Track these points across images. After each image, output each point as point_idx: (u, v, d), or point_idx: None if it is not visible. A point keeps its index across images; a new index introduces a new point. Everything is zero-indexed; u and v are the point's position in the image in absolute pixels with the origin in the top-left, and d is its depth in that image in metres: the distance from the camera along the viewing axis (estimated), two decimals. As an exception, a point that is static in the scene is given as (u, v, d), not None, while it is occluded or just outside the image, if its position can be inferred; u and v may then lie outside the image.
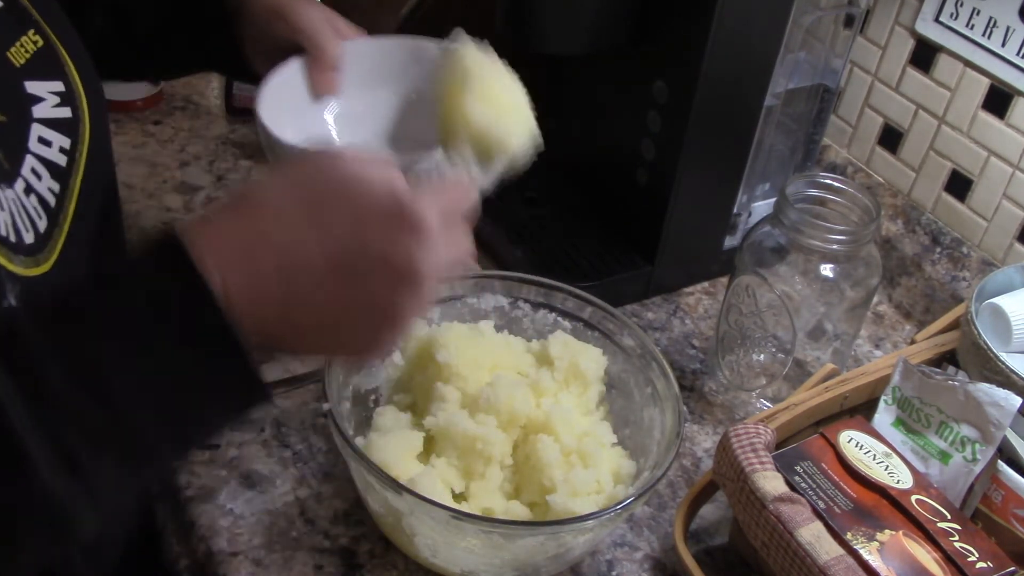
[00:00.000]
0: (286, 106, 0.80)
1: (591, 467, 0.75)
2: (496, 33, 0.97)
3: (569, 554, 0.74)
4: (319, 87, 0.82)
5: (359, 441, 0.75)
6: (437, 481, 0.72)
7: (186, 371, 0.49)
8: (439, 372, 0.79)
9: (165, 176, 1.13)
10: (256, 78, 0.80)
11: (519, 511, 0.76)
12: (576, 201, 1.11)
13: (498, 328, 0.86)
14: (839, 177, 0.90)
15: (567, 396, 0.80)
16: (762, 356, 0.93)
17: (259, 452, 0.83)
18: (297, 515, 0.79)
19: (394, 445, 0.74)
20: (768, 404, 0.93)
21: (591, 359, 0.81)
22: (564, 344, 0.82)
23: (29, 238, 0.57)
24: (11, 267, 0.54)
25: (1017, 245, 1.00)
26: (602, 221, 1.08)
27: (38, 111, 0.61)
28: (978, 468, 0.75)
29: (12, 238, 0.55)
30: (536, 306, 0.87)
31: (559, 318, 0.86)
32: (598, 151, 1.10)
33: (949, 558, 0.69)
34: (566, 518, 0.70)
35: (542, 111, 1.21)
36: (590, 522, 0.68)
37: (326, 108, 0.85)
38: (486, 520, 0.67)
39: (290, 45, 0.81)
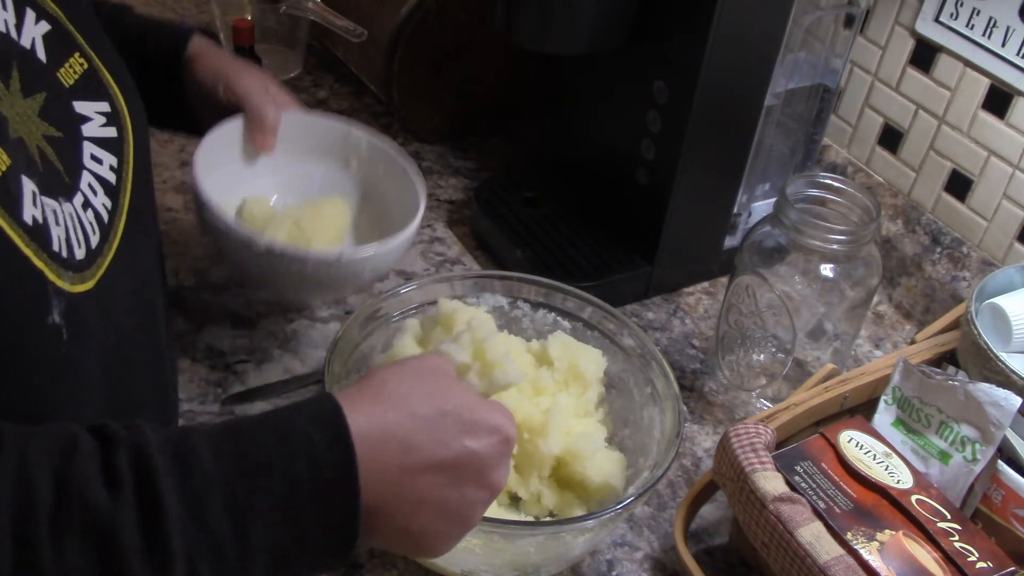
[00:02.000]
0: (221, 162, 0.87)
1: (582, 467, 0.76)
2: (496, 33, 0.98)
3: (569, 554, 0.74)
4: (256, 147, 0.89)
5: None
6: None
7: (307, 533, 0.50)
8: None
9: (165, 176, 1.13)
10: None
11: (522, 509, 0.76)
12: (576, 201, 1.11)
13: (498, 328, 0.86)
14: (839, 177, 0.90)
15: (566, 397, 0.80)
16: (762, 356, 0.93)
17: (259, 452, 0.83)
18: (297, 515, 0.79)
19: None
20: (768, 404, 0.93)
21: (591, 360, 0.81)
22: (563, 345, 0.82)
23: (80, 254, 0.58)
24: (60, 283, 0.55)
25: (1017, 245, 1.00)
26: (602, 221, 1.08)
27: (87, 130, 0.63)
28: (978, 468, 0.75)
29: (64, 254, 0.56)
30: (536, 306, 0.87)
31: (559, 318, 0.86)
32: (598, 151, 1.10)
33: (949, 558, 0.69)
34: (566, 518, 0.70)
35: (543, 111, 1.21)
36: (590, 522, 0.68)
37: (257, 168, 0.92)
38: (486, 520, 0.67)
39: (232, 108, 0.87)
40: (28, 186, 0.53)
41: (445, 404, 0.56)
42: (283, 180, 0.94)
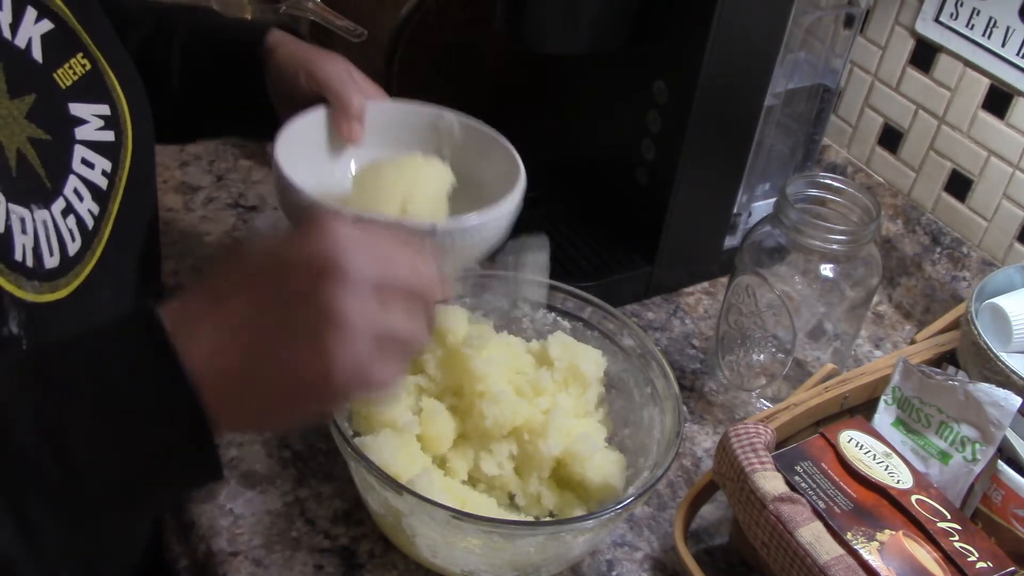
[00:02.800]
0: (303, 152, 0.80)
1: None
2: (496, 33, 0.98)
3: (569, 554, 0.74)
4: (343, 135, 0.83)
5: (358, 441, 0.75)
6: (436, 481, 0.72)
7: (148, 443, 0.47)
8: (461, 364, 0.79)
9: (165, 176, 1.13)
10: None
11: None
12: (576, 201, 1.11)
13: (497, 328, 0.86)
14: (839, 177, 0.90)
15: (566, 397, 0.80)
16: (762, 356, 0.93)
17: (259, 452, 0.83)
18: (297, 515, 0.79)
19: (394, 444, 0.74)
20: (768, 404, 0.93)
21: (590, 360, 0.81)
22: (564, 345, 0.82)
23: (52, 262, 0.57)
24: (19, 293, 0.54)
25: (1017, 245, 1.00)
26: (602, 221, 1.08)
27: (81, 133, 0.62)
28: (978, 468, 0.75)
29: (30, 263, 0.55)
30: (536, 305, 0.87)
31: (559, 318, 0.86)
32: (598, 151, 1.10)
33: (949, 558, 0.69)
34: (566, 518, 0.70)
35: (543, 111, 1.21)
36: (590, 522, 0.68)
37: (340, 160, 0.86)
38: (486, 520, 0.67)
39: (313, 98, 0.82)
40: None
41: (260, 257, 0.51)
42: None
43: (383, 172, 0.80)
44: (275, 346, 0.48)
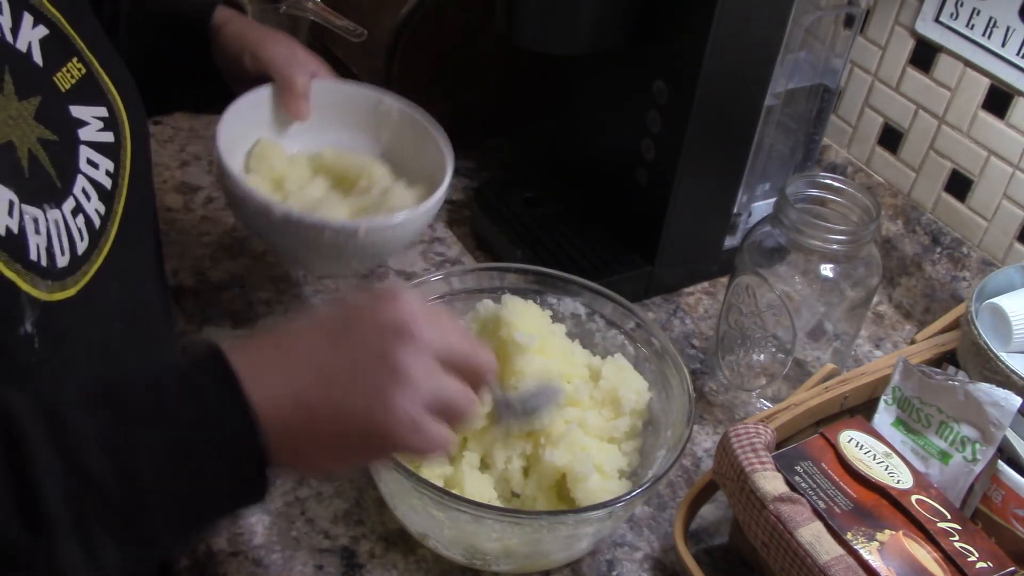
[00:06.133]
0: (248, 130, 0.85)
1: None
2: (496, 33, 0.98)
3: (551, 550, 0.74)
4: (289, 113, 0.86)
5: None
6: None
7: (211, 479, 0.50)
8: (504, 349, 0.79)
9: (165, 176, 1.13)
10: None
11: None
12: (576, 201, 1.11)
13: (571, 335, 0.86)
14: (839, 177, 0.90)
15: (596, 417, 0.80)
16: (762, 356, 0.93)
17: (259, 452, 0.83)
18: (297, 515, 0.79)
19: None
20: (768, 404, 0.93)
21: (632, 389, 0.80)
22: (617, 368, 0.82)
23: (63, 261, 0.57)
24: (34, 293, 0.54)
25: (1017, 245, 1.00)
26: (602, 221, 1.08)
27: (83, 134, 0.63)
28: (978, 468, 0.75)
29: (44, 262, 0.56)
30: (609, 324, 0.87)
31: (626, 341, 0.86)
32: (598, 151, 1.10)
33: (949, 558, 0.69)
34: (568, 509, 0.70)
35: (543, 111, 1.21)
36: (595, 512, 0.69)
37: (283, 137, 0.90)
38: (451, 496, 0.68)
39: (261, 77, 0.85)
40: (5, 195, 0.53)
41: (331, 314, 0.55)
42: (311, 148, 0.91)
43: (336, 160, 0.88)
44: (341, 395, 0.52)
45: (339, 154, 0.90)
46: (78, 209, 0.60)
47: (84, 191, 0.61)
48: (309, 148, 0.91)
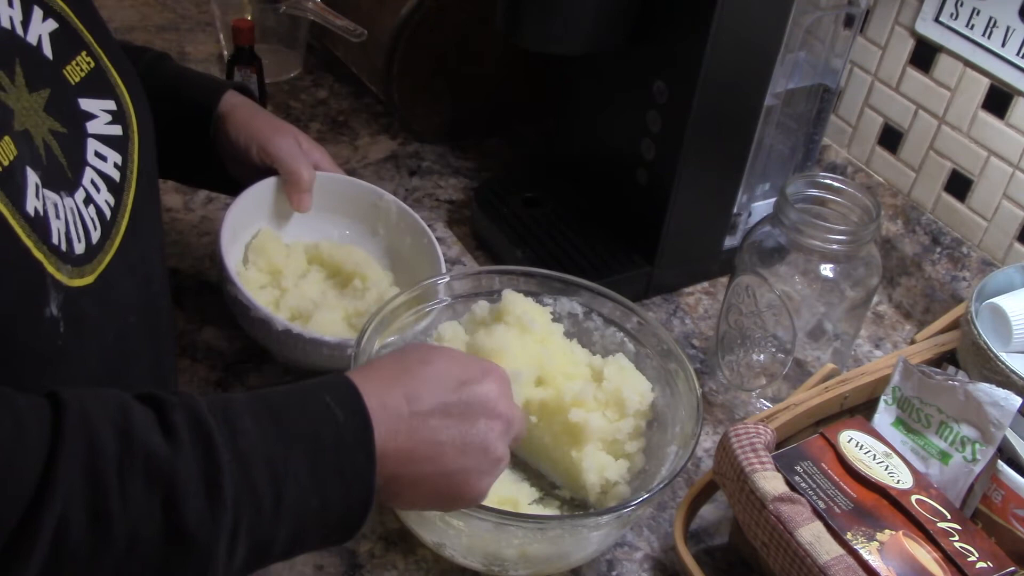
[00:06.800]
0: (250, 220, 0.91)
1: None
2: (496, 33, 0.98)
3: (574, 555, 0.74)
4: (293, 206, 0.92)
5: None
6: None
7: (330, 496, 0.55)
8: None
9: (165, 176, 1.13)
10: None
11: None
12: (576, 201, 1.11)
13: (569, 335, 0.86)
14: (839, 177, 0.90)
15: (599, 418, 0.79)
16: (762, 356, 0.93)
17: (259, 452, 0.83)
18: (297, 515, 0.79)
19: None
20: (768, 404, 0.93)
21: (635, 390, 0.80)
22: (619, 369, 0.82)
23: (79, 248, 0.58)
24: (58, 276, 0.55)
25: (1017, 245, 1.00)
26: (602, 221, 1.08)
27: (92, 127, 0.63)
28: (978, 468, 0.75)
29: (63, 247, 0.56)
30: (608, 322, 0.86)
31: (626, 339, 0.86)
32: (598, 151, 1.10)
33: (949, 558, 0.69)
34: (576, 513, 0.70)
35: (543, 111, 1.21)
36: (604, 517, 0.69)
37: (285, 227, 0.95)
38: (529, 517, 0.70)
39: (266, 169, 0.90)
40: (32, 178, 0.54)
41: (439, 360, 0.63)
42: (309, 237, 0.96)
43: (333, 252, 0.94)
44: (450, 462, 0.60)
45: (336, 248, 0.94)
46: (89, 200, 0.60)
47: (93, 183, 0.61)
48: (307, 237, 0.95)
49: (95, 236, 0.60)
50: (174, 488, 0.48)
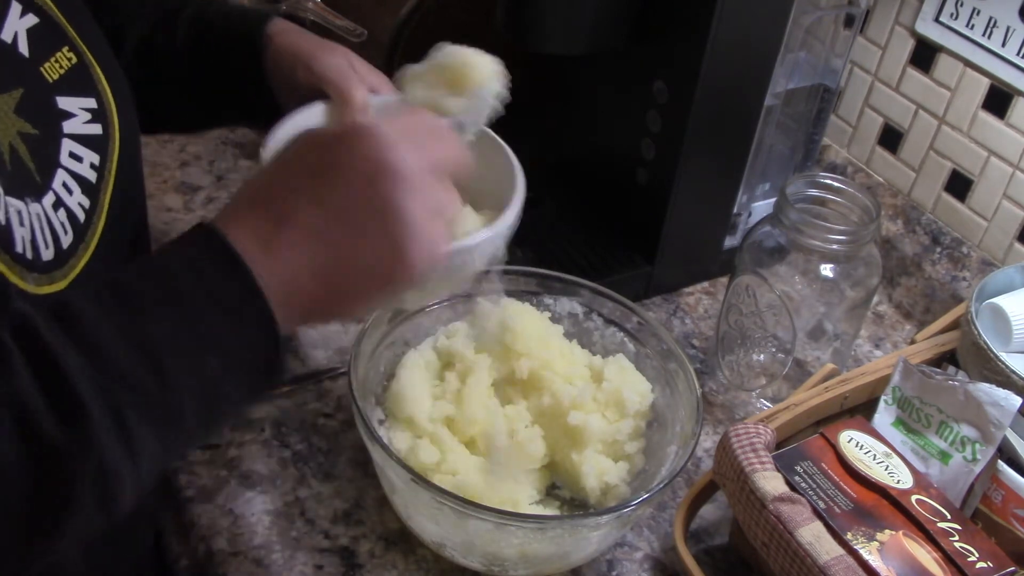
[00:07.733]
0: None
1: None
2: (496, 33, 0.98)
3: (574, 555, 0.74)
4: None
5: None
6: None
7: (225, 346, 0.51)
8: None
9: (165, 176, 1.13)
10: None
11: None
12: (576, 201, 1.11)
13: (569, 336, 0.86)
14: (839, 177, 0.90)
15: (599, 419, 0.79)
16: (762, 356, 0.93)
17: (259, 452, 0.83)
18: (297, 515, 0.79)
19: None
20: (768, 404, 0.93)
21: (635, 391, 0.80)
22: (620, 369, 0.82)
23: (48, 255, 0.57)
24: (23, 285, 0.54)
25: (1017, 245, 1.00)
26: (602, 221, 1.08)
27: (69, 127, 0.62)
28: (978, 468, 0.75)
29: (29, 255, 0.55)
30: (608, 322, 0.86)
31: (626, 339, 0.85)
32: (598, 151, 1.10)
33: (949, 558, 0.69)
34: (578, 513, 0.70)
35: (543, 112, 1.21)
36: (604, 517, 0.69)
37: None
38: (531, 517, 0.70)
39: (315, 91, 0.78)
40: None
41: (288, 153, 0.56)
42: None
43: None
44: (352, 255, 0.52)
45: None
46: (58, 203, 0.59)
47: (65, 185, 0.60)
48: None
49: (66, 241, 0.59)
50: (22, 413, 0.45)
